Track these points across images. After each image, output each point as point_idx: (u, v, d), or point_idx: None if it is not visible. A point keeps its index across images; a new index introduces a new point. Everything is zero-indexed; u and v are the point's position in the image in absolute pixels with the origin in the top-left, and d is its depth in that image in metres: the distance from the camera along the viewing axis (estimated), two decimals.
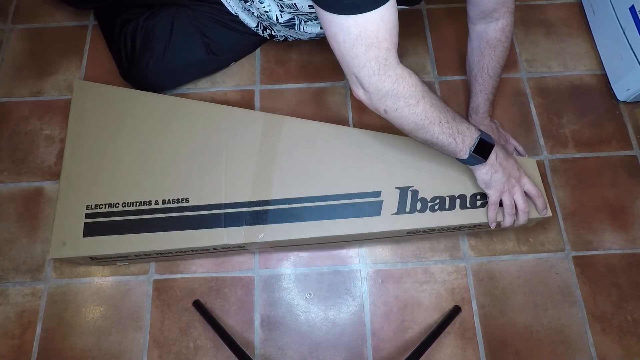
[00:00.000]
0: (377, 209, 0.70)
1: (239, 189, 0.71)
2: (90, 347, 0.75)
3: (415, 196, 0.71)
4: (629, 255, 0.81)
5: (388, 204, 0.70)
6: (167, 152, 0.75)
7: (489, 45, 0.77)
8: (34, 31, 1.00)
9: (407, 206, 0.70)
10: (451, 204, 0.70)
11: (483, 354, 0.75)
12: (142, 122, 0.77)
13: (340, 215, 0.70)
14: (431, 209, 0.70)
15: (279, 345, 0.75)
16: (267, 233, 0.70)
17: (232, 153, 0.74)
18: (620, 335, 0.76)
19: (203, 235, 0.69)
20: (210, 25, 0.86)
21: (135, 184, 0.72)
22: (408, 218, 0.70)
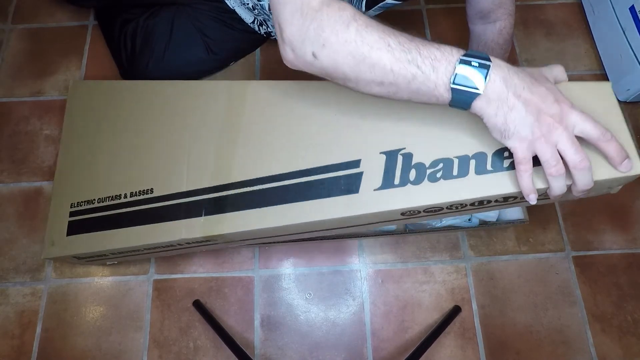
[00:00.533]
0: (355, 184, 0.51)
1: (200, 173, 0.61)
2: (90, 347, 0.75)
3: (407, 162, 0.50)
4: (629, 255, 0.81)
5: (370, 175, 0.51)
6: (135, 141, 0.69)
7: (486, 47, 0.76)
8: (34, 31, 1.00)
9: (395, 177, 0.50)
10: (462, 169, 0.48)
11: (483, 354, 0.75)
12: (114, 113, 0.73)
13: (309, 196, 0.54)
14: (431, 178, 0.48)
15: (279, 345, 0.75)
16: (227, 223, 0.58)
17: (194, 133, 0.64)
18: (620, 335, 0.76)
19: (162, 230, 0.61)
20: (210, 24, 0.86)
21: (108, 178, 0.68)
22: (398, 194, 0.49)
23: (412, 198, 0.49)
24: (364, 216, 0.52)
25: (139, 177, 0.65)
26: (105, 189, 0.67)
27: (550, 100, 0.40)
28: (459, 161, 0.48)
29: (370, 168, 0.52)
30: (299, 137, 0.57)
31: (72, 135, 0.76)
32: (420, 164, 0.50)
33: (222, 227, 0.58)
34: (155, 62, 0.85)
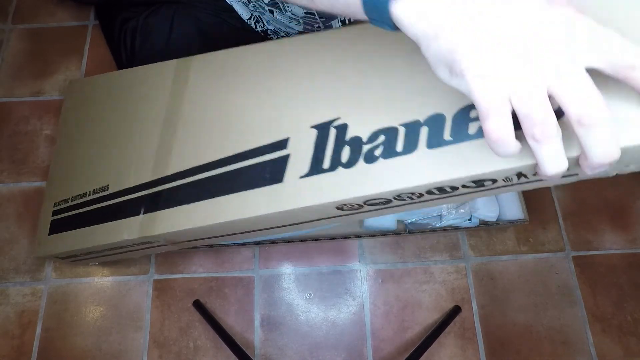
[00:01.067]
0: (279, 171, 0.42)
1: (144, 166, 0.55)
2: (90, 347, 0.75)
3: (341, 136, 0.39)
4: (629, 255, 0.81)
5: (297, 158, 0.41)
6: (101, 136, 0.65)
7: None
8: (34, 31, 1.00)
9: (325, 158, 0.40)
10: (410, 141, 0.36)
11: (483, 354, 0.75)
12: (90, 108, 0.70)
13: (232, 188, 0.45)
14: (368, 157, 0.37)
15: (279, 345, 0.75)
16: (160, 223, 0.51)
17: (141, 121, 0.58)
18: (620, 335, 0.76)
19: (109, 229, 0.57)
20: (210, 22, 0.86)
21: (80, 175, 0.65)
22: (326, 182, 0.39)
23: (344, 187, 0.38)
24: (291, 212, 0.42)
25: (99, 173, 0.62)
26: (76, 187, 0.64)
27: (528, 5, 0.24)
28: (406, 131, 0.36)
29: (298, 149, 0.41)
30: (232, 116, 0.48)
31: (63, 136, 0.75)
32: (356, 138, 0.38)
33: (158, 226, 0.51)
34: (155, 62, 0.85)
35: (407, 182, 0.35)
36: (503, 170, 0.32)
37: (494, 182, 0.34)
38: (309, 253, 0.81)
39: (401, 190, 0.36)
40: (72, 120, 0.74)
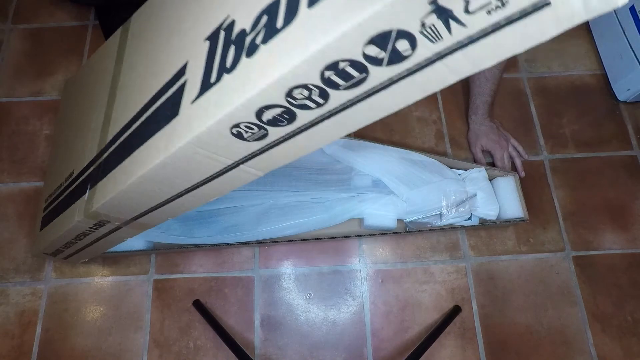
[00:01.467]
0: (177, 103, 0.36)
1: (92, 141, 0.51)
2: (90, 347, 0.75)
3: (228, 37, 0.32)
4: (629, 255, 0.81)
5: (191, 83, 0.35)
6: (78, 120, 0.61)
7: (479, 77, 0.77)
8: (34, 31, 1.00)
9: (212, 71, 0.33)
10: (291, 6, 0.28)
11: (483, 354, 0.75)
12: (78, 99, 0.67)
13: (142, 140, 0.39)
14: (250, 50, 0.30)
15: (279, 345, 0.75)
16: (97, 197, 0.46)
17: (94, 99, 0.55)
18: (620, 335, 0.76)
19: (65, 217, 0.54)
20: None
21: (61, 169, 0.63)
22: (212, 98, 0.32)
23: (228, 96, 0.30)
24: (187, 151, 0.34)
25: (69, 162, 0.58)
26: (57, 180, 0.62)
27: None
28: (287, 2, 0.28)
29: (193, 71, 0.35)
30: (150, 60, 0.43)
31: (57, 135, 0.74)
32: (241, 32, 0.30)
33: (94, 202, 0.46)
34: None
35: (289, 61, 0.26)
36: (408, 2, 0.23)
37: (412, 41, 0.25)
38: (309, 253, 0.81)
39: (288, 79, 0.27)
40: (64, 119, 0.74)
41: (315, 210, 0.75)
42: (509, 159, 0.85)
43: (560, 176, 0.86)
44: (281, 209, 0.76)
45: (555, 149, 0.89)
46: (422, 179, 0.77)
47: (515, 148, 0.86)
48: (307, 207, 0.76)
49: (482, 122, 0.84)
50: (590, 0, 0.21)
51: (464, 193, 0.77)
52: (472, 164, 0.82)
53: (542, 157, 0.88)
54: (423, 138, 0.89)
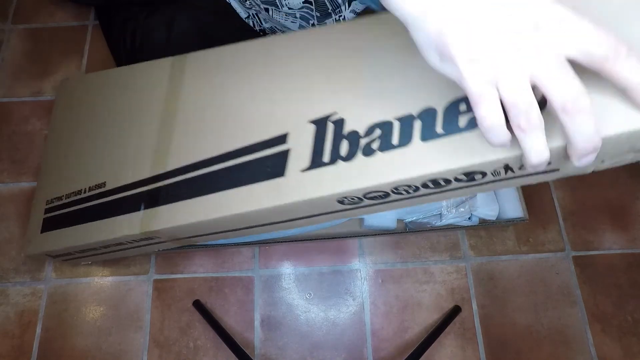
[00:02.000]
0: (281, 165, 0.43)
1: (143, 162, 0.56)
2: (90, 347, 0.75)
3: (339, 131, 0.41)
4: (629, 255, 0.81)
5: (297, 153, 0.43)
6: (97, 132, 0.64)
7: None
8: (34, 31, 1.00)
9: (325, 152, 0.41)
10: (405, 133, 0.37)
11: (483, 354, 0.75)
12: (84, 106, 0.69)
13: (234, 182, 0.46)
14: (366, 150, 0.39)
15: (279, 345, 0.75)
16: (160, 219, 0.52)
17: (138, 119, 0.59)
18: (620, 335, 0.76)
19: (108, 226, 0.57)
20: (209, 22, 0.86)
21: (74, 173, 0.65)
22: (327, 175, 0.40)
23: (344, 179, 0.39)
24: (294, 205, 0.43)
25: (94, 170, 0.62)
26: (72, 185, 0.65)
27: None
28: (401, 125, 0.37)
29: (297, 143, 0.42)
30: (229, 112, 0.49)
31: (55, 133, 0.74)
32: (354, 132, 0.40)
33: (160, 221, 0.52)
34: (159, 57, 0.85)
35: (403, 173, 0.37)
36: (491, 162, 0.33)
37: (484, 175, 0.36)
38: (309, 253, 0.81)
39: (398, 182, 0.38)
40: (65, 118, 0.74)
41: None
42: None
43: None
44: None
45: None
46: None
47: None
48: None
49: None
50: None
51: None
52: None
53: None
54: None
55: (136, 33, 0.86)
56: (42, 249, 0.67)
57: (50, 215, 0.67)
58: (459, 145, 0.34)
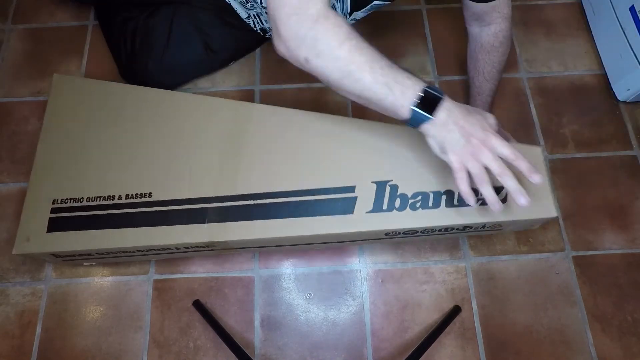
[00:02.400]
0: (350, 206, 0.62)
1: (203, 183, 0.66)
2: (90, 347, 0.75)
3: (394, 192, 0.62)
4: (629, 255, 0.81)
5: (363, 200, 0.62)
6: (133, 144, 0.71)
7: (483, 49, 0.76)
8: (34, 31, 1.00)
9: (384, 203, 0.61)
10: (435, 202, 0.61)
11: (483, 354, 0.75)
12: (112, 114, 0.74)
13: (309, 213, 0.62)
14: (412, 206, 0.61)
15: (279, 345, 0.75)
16: (231, 231, 0.64)
17: (197, 144, 0.69)
18: (620, 335, 0.76)
19: (162, 232, 0.65)
20: (209, 22, 0.86)
21: (100, 178, 0.69)
22: (385, 217, 0.61)
23: (396, 221, 0.61)
24: (356, 233, 0.63)
25: (136, 180, 0.68)
26: (97, 189, 0.68)
27: (479, 127, 0.51)
28: (434, 195, 0.61)
29: (363, 194, 0.62)
30: (302, 160, 0.65)
31: (54, 131, 0.75)
32: (404, 194, 0.62)
33: (227, 234, 0.64)
34: (155, 62, 0.85)
35: (433, 222, 0.61)
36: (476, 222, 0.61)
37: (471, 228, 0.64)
38: (309, 253, 0.81)
39: (426, 227, 0.62)
40: (65, 119, 0.75)
41: None
42: None
43: (560, 176, 0.86)
44: None
45: (555, 149, 0.89)
46: None
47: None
48: None
49: None
50: None
51: None
52: None
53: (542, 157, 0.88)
54: None
55: (136, 33, 0.86)
56: (51, 248, 0.67)
57: (61, 215, 0.68)
58: (464, 213, 0.61)
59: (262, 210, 0.64)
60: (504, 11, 0.72)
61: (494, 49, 0.75)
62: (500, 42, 0.75)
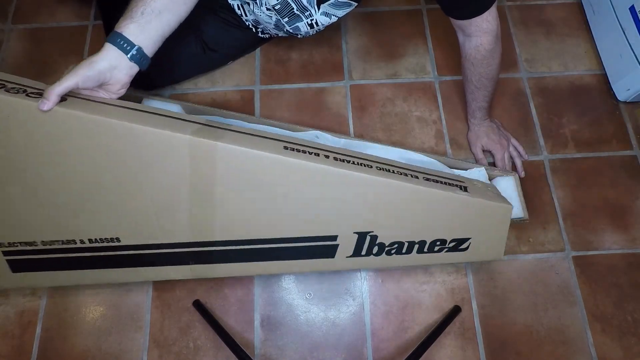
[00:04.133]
0: (331, 252, 0.66)
1: (175, 228, 0.62)
2: (90, 347, 0.75)
3: (373, 241, 0.66)
4: (629, 255, 0.81)
5: (344, 247, 0.66)
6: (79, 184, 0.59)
7: (467, 60, 0.76)
8: (34, 31, 1.00)
9: (363, 249, 0.66)
10: (409, 249, 0.67)
11: (483, 354, 0.75)
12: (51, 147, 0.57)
13: (292, 256, 0.66)
14: (387, 252, 0.67)
15: (279, 345, 0.75)
16: (217, 270, 0.67)
17: (157, 187, 0.60)
18: (620, 335, 0.76)
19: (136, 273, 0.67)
20: (206, 20, 0.86)
21: (52, 221, 0.62)
22: (362, 260, 0.68)
23: (372, 263, 0.69)
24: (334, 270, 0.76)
25: (97, 224, 0.62)
26: (51, 233, 0.62)
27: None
28: (408, 245, 0.67)
29: (344, 242, 0.66)
30: (282, 210, 0.62)
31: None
32: (382, 243, 0.66)
33: (214, 272, 0.68)
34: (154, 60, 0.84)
35: (400, 263, 0.69)
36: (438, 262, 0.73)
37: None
38: None
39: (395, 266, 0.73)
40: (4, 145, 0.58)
41: None
42: (509, 158, 0.86)
43: (560, 176, 0.86)
44: None
45: (555, 149, 0.89)
46: None
47: (515, 148, 0.86)
48: None
49: (481, 123, 0.85)
50: None
51: None
52: (472, 164, 0.82)
53: (542, 157, 0.88)
54: (423, 138, 0.89)
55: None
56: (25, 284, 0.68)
57: (17, 258, 0.64)
58: (432, 258, 0.69)
59: (246, 254, 0.65)
60: (483, 26, 0.71)
61: (477, 62, 0.75)
62: (483, 55, 0.74)
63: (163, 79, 0.90)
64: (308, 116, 0.91)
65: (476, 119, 0.85)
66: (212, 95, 0.93)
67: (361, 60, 0.96)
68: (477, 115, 0.84)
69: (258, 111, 0.91)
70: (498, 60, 0.76)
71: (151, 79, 0.88)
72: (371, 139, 0.88)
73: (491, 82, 0.78)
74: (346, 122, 0.90)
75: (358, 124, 0.90)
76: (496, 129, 0.85)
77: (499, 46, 0.74)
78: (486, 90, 0.79)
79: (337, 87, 0.94)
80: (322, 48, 0.97)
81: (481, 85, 0.78)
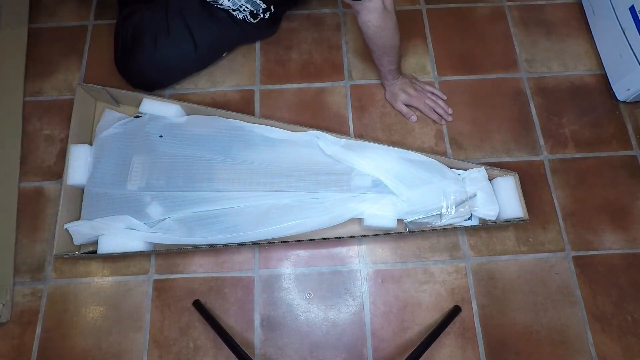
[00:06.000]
0: None
1: None
2: (90, 347, 0.75)
3: None
4: (629, 255, 0.81)
5: None
6: None
7: (363, 34, 0.78)
8: (34, 31, 0.99)
9: None
10: None
11: (483, 354, 0.75)
12: None
13: None
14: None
15: (279, 345, 0.75)
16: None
17: None
18: (620, 335, 0.76)
19: None
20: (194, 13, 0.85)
21: None
22: None
23: None
24: None
25: None
26: None
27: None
28: None
29: None
30: None
31: None
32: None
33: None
34: (147, 57, 0.84)
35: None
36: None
37: None
38: (309, 253, 0.81)
39: None
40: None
41: (315, 211, 0.76)
42: (431, 104, 0.90)
43: (560, 176, 0.86)
44: (281, 210, 0.76)
45: (555, 149, 0.89)
46: (422, 179, 0.78)
47: (433, 93, 0.91)
48: (307, 207, 0.76)
49: (394, 82, 0.89)
50: None
51: (464, 193, 0.77)
52: (472, 164, 0.82)
53: (542, 157, 0.88)
54: (423, 138, 0.89)
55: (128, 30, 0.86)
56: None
57: None
58: None
59: None
60: (368, 5, 0.72)
61: (369, 35, 0.77)
62: (373, 31, 0.76)
63: (163, 78, 0.90)
64: (308, 116, 0.91)
65: (389, 80, 0.89)
66: (212, 95, 0.93)
67: (361, 60, 0.96)
68: (388, 77, 0.88)
69: (258, 111, 0.91)
70: (391, 32, 0.77)
71: (150, 78, 0.88)
72: (371, 139, 0.88)
73: (392, 49, 0.81)
74: (346, 122, 0.90)
75: (358, 124, 0.90)
76: (409, 83, 0.90)
77: (389, 20, 0.75)
78: (390, 56, 0.82)
79: (337, 87, 0.94)
80: (322, 48, 0.97)
81: (382, 53, 0.82)
